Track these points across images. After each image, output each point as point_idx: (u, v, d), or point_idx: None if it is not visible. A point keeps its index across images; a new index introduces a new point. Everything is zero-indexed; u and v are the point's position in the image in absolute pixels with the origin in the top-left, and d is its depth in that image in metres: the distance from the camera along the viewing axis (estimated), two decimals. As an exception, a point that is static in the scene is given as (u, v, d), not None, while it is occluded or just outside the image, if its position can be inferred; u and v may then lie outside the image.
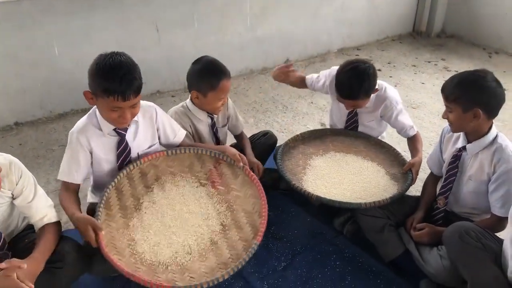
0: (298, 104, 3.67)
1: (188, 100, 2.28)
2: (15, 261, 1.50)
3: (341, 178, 2.19)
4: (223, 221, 1.83)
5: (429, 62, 4.56)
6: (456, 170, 2.00)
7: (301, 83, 2.67)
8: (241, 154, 2.05)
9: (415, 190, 2.54)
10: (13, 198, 1.71)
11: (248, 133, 2.66)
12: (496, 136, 1.90)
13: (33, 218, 1.74)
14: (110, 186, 1.89)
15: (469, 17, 5.01)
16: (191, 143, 2.18)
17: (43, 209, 1.74)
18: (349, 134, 2.51)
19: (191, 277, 1.61)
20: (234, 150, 2.07)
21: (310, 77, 2.64)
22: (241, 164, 2.01)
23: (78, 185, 1.90)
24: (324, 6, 4.51)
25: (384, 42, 5.14)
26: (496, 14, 4.75)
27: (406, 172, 2.19)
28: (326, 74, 2.56)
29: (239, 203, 1.89)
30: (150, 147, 2.04)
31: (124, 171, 1.95)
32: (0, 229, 1.69)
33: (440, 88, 1.95)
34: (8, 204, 1.72)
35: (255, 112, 3.58)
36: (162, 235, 1.76)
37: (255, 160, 2.23)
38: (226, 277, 1.60)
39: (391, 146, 2.40)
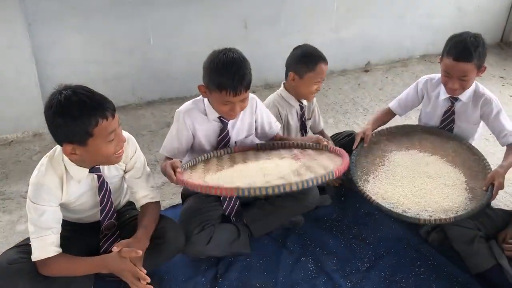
0: (379, 108, 3.63)
1: (281, 88, 2.37)
2: (127, 243, 1.63)
3: (413, 180, 2.13)
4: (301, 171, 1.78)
5: (518, 74, 4.36)
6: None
7: (387, 115, 2.62)
8: (325, 139, 2.09)
9: (504, 205, 2.46)
10: (125, 171, 1.86)
11: (329, 133, 2.70)
12: None
13: (138, 194, 1.87)
14: (199, 158, 1.98)
15: None
16: (281, 137, 2.24)
17: (147, 188, 1.87)
18: (442, 134, 2.41)
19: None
20: (317, 136, 2.13)
21: (394, 102, 2.61)
22: (325, 142, 2.03)
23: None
24: (410, 10, 4.42)
25: (469, 51, 4.95)
26: None
27: (487, 190, 2.04)
28: (411, 86, 2.54)
29: (320, 164, 1.84)
30: (246, 136, 2.13)
31: (215, 152, 2.04)
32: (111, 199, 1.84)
33: None
34: (120, 177, 1.87)
35: (335, 112, 3.59)
36: (240, 176, 1.79)
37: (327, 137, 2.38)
38: (300, 186, 1.56)
39: (482, 155, 2.28)
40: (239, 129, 2.09)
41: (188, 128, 1.99)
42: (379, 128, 2.51)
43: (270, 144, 2.14)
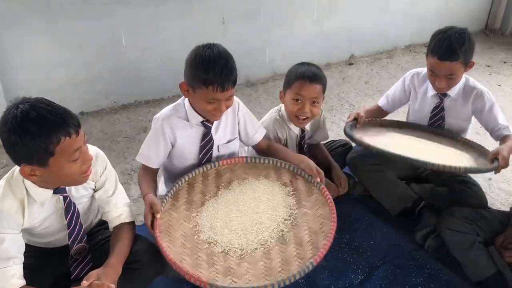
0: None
1: (281, 106, 2.19)
2: (98, 274, 1.45)
3: (416, 145, 2.05)
4: (284, 234, 1.64)
5: (504, 62, 4.26)
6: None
7: (377, 112, 2.49)
8: (319, 169, 1.87)
9: (500, 203, 2.36)
10: (94, 190, 1.69)
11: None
12: None
13: (110, 214, 1.71)
14: (183, 179, 1.85)
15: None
16: (269, 144, 2.08)
17: (121, 207, 1.71)
18: (434, 132, 2.30)
19: (233, 280, 1.46)
20: (312, 164, 1.89)
21: (382, 98, 2.49)
22: (318, 180, 1.83)
23: (157, 169, 1.92)
24: (394, 0, 4.29)
25: (454, 39, 4.84)
26: None
27: (493, 162, 1.96)
28: (399, 81, 2.41)
29: (306, 220, 1.69)
30: (229, 141, 1.98)
31: (201, 169, 1.91)
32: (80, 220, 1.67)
33: None
34: (89, 196, 1.71)
35: (320, 109, 3.44)
36: (223, 223, 1.68)
37: (342, 175, 2.17)
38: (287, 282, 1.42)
39: (480, 145, 2.18)
40: (221, 133, 1.95)
41: (166, 137, 1.85)
42: (371, 119, 2.39)
43: (260, 160, 1.98)
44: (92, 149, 1.62)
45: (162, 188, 2.08)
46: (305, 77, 2.01)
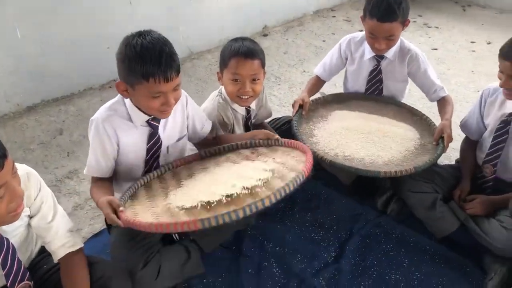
0: (290, 74, 3.45)
1: (222, 88, 2.01)
2: None
3: (363, 135, 2.02)
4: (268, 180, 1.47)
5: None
6: (505, 136, 1.88)
7: (317, 82, 2.41)
8: (274, 133, 1.81)
9: (449, 161, 2.43)
10: (30, 217, 1.42)
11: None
12: None
13: (52, 244, 1.44)
14: (139, 183, 1.64)
15: (438, -30, 4.92)
16: (216, 135, 1.93)
17: (64, 234, 1.45)
18: (379, 100, 2.30)
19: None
20: (265, 131, 1.83)
21: (319, 67, 2.41)
22: (275, 136, 1.76)
23: (109, 178, 1.69)
24: (297, -34, 4.25)
25: (357, 1, 4.96)
26: (466, -34, 4.69)
27: (438, 143, 1.99)
28: (334, 48, 2.37)
29: (281, 163, 1.58)
30: (179, 139, 1.78)
31: (155, 173, 1.71)
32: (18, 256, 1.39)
33: (501, 53, 1.74)
34: (25, 226, 1.43)
35: (246, 86, 3.32)
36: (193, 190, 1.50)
37: None
38: (267, 202, 1.25)
39: (423, 114, 2.21)
40: (170, 131, 1.74)
41: (111, 140, 1.61)
42: (314, 97, 2.33)
43: (216, 150, 1.82)
44: (22, 169, 1.34)
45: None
46: (240, 54, 1.85)
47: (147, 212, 1.43)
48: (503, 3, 4.51)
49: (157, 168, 1.74)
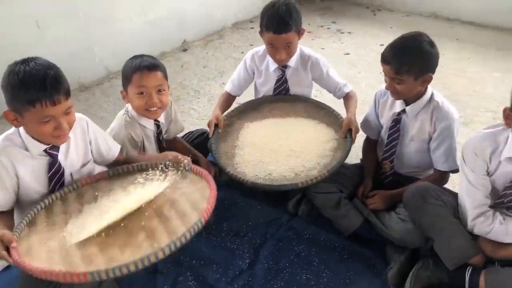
0: (209, 87, 3.50)
1: (128, 106, 2.02)
2: None
3: (278, 147, 2.09)
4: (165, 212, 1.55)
5: (322, 26, 4.63)
6: (398, 133, 2.03)
7: (228, 99, 2.48)
8: (183, 156, 1.83)
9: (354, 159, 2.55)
10: None
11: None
12: (432, 94, 1.95)
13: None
14: (39, 206, 1.62)
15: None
16: (126, 157, 1.94)
17: None
18: (287, 99, 2.41)
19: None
20: (174, 153, 1.86)
21: (228, 84, 2.49)
22: (186, 161, 1.79)
23: (10, 211, 1.64)
24: (213, -21, 4.33)
25: (275, 11, 5.10)
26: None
27: (346, 136, 2.10)
28: (240, 64, 2.46)
29: (186, 196, 1.63)
30: (83, 165, 1.77)
31: (58, 194, 1.69)
32: None
33: (381, 58, 1.89)
34: None
35: (166, 102, 3.33)
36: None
37: (209, 163, 2.15)
38: (160, 255, 1.30)
39: (330, 107, 2.33)
40: (73, 158, 1.73)
41: (9, 171, 1.57)
42: (228, 110, 2.41)
43: (124, 169, 1.83)
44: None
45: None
46: (142, 67, 1.90)
47: (43, 247, 1.42)
48: (409, 6, 4.82)
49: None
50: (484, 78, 3.47)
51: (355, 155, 2.51)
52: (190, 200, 1.59)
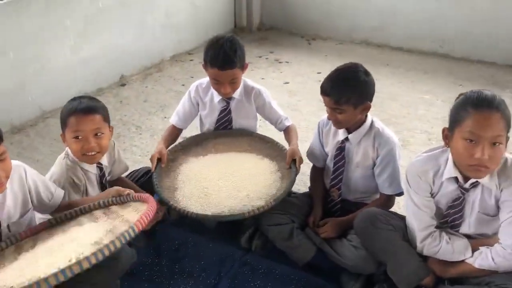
0: (151, 122, 3.43)
1: (68, 150, 1.93)
2: None
3: (221, 180, 2.08)
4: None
5: (260, 57, 4.69)
6: (343, 161, 2.07)
7: (173, 131, 2.43)
8: (125, 189, 1.79)
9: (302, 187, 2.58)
10: None
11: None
12: (372, 121, 2.02)
13: None
14: None
15: (282, 7, 5.29)
16: (69, 202, 1.84)
17: None
18: (232, 134, 2.41)
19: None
20: (115, 187, 1.81)
21: (173, 117, 2.45)
22: (126, 191, 1.75)
23: None
24: (148, 14, 4.28)
25: (213, 43, 5.13)
26: (305, 2, 5.11)
27: (290, 167, 2.13)
28: (185, 96, 2.44)
29: (125, 220, 1.57)
30: (22, 215, 1.66)
31: None
32: None
33: (321, 90, 1.95)
34: None
35: (106, 140, 3.22)
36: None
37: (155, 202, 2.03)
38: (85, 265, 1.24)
39: (274, 140, 2.35)
40: (10, 209, 1.62)
41: None
42: (173, 145, 2.37)
43: (66, 215, 1.73)
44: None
45: None
46: (78, 111, 1.84)
47: None
48: (341, 35, 5.03)
49: None
50: (415, 100, 3.66)
51: (303, 184, 2.55)
52: (129, 220, 1.53)
